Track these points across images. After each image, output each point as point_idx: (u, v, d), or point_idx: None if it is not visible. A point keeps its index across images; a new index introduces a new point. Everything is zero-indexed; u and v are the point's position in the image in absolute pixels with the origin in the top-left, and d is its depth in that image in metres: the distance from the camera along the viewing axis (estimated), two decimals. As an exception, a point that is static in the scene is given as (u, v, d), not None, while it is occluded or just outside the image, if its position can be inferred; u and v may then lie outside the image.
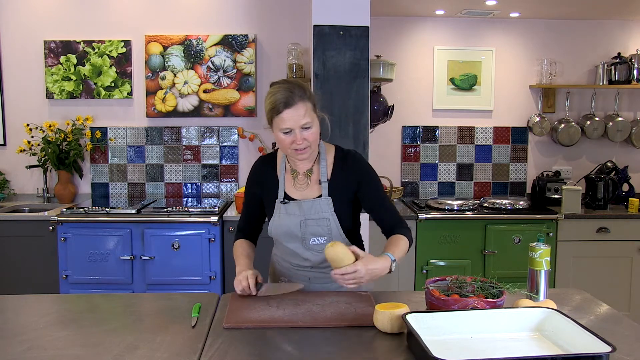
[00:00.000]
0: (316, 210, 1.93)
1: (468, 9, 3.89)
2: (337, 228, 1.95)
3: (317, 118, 1.87)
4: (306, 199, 1.95)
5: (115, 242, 3.41)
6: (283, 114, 1.78)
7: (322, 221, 1.94)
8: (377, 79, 3.75)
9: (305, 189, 1.97)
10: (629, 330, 1.63)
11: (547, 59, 4.19)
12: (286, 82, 1.85)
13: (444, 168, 4.29)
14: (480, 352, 1.43)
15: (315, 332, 1.62)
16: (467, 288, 1.70)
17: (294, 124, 1.79)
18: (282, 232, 1.97)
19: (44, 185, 4.02)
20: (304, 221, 1.94)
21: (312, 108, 1.84)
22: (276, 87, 1.83)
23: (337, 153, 2.00)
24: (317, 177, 1.96)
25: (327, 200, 1.93)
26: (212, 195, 4.14)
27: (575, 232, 3.68)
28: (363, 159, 2.02)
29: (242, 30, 4.04)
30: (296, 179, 1.98)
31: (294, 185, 1.98)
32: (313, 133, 1.84)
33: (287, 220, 1.95)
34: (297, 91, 1.79)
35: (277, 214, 1.97)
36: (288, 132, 1.81)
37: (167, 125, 4.10)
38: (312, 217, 1.93)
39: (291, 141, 1.82)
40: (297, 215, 1.94)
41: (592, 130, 4.19)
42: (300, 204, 1.94)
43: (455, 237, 3.62)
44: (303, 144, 1.83)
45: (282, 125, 1.80)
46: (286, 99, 1.77)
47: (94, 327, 1.67)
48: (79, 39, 3.99)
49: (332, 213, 1.93)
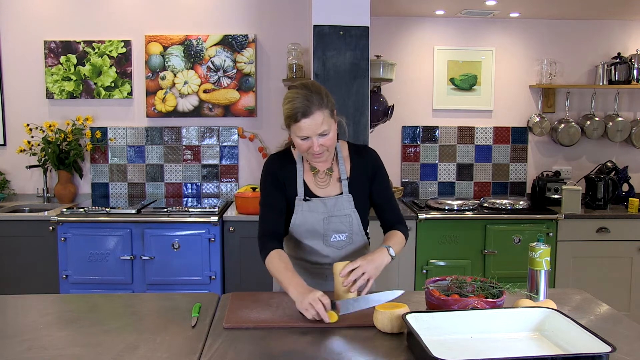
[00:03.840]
0: (339, 208, 1.97)
1: (468, 9, 3.89)
2: (358, 224, 1.99)
3: (334, 123, 1.88)
4: (329, 196, 1.98)
5: (115, 242, 3.41)
6: (301, 122, 1.79)
7: (344, 218, 1.97)
8: (377, 79, 3.75)
9: (327, 187, 1.99)
10: (629, 330, 1.63)
11: (547, 59, 4.19)
12: (305, 88, 1.81)
13: (444, 168, 4.29)
14: (480, 352, 1.43)
15: (316, 332, 1.61)
16: (467, 288, 1.70)
17: (311, 132, 1.80)
18: (304, 229, 1.99)
19: (44, 185, 4.02)
20: (328, 218, 1.96)
21: (330, 114, 1.83)
22: (294, 92, 1.81)
23: (350, 149, 2.04)
24: (337, 175, 2.00)
25: (349, 197, 1.97)
26: (212, 195, 4.14)
27: (575, 232, 3.68)
28: (378, 155, 2.06)
29: (242, 30, 4.04)
30: (317, 176, 2.00)
31: (315, 182, 2.00)
32: (330, 139, 1.85)
33: (310, 218, 1.97)
34: (315, 99, 1.78)
35: (300, 211, 1.98)
36: (305, 139, 1.83)
37: (167, 125, 4.10)
38: (336, 214, 1.96)
39: (308, 146, 1.84)
40: (320, 212, 1.96)
41: (592, 130, 4.19)
42: (325, 201, 1.97)
43: (455, 237, 3.62)
44: (320, 149, 1.85)
45: (300, 133, 1.82)
46: (304, 108, 1.77)
47: (94, 327, 1.67)
48: (79, 39, 4.00)
49: (353, 210, 1.98)
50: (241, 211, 3.52)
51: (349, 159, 2.02)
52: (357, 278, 1.76)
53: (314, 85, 1.85)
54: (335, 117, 1.89)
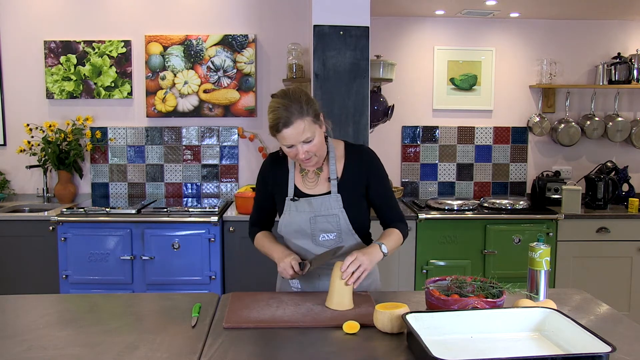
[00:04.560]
0: (326, 207, 1.96)
1: (468, 9, 3.89)
2: (346, 224, 1.97)
3: (319, 128, 1.87)
4: (315, 195, 1.98)
5: (115, 242, 3.41)
6: (282, 132, 1.80)
7: (331, 217, 1.96)
8: (377, 79, 3.75)
9: (315, 187, 2.00)
10: (629, 330, 1.63)
11: (547, 59, 4.19)
12: (285, 97, 1.82)
13: (444, 168, 4.29)
14: (480, 352, 1.43)
15: (316, 332, 1.62)
16: (467, 288, 1.70)
17: (294, 140, 1.82)
18: (292, 229, 2.00)
19: (44, 185, 4.02)
20: (314, 218, 1.96)
21: (312, 120, 1.83)
22: (276, 102, 1.82)
23: (347, 148, 2.03)
24: (326, 175, 2.00)
25: (337, 197, 1.96)
26: (212, 195, 4.14)
27: (575, 232, 3.68)
28: (375, 155, 2.05)
29: (242, 30, 4.04)
30: (306, 177, 2.01)
31: (304, 182, 2.01)
32: (315, 145, 1.85)
33: (297, 217, 1.97)
34: (294, 109, 1.78)
35: (288, 212, 1.99)
36: (291, 147, 1.85)
37: (167, 125, 4.10)
38: (322, 213, 1.96)
39: (295, 154, 1.86)
40: (307, 212, 1.97)
41: (592, 130, 4.19)
42: (310, 200, 1.97)
43: (455, 237, 3.62)
44: (306, 155, 1.86)
45: (283, 142, 1.84)
46: (285, 119, 1.78)
47: (94, 327, 1.67)
48: (79, 39, 4.00)
49: (341, 210, 1.96)
50: (241, 211, 3.52)
51: (343, 158, 2.01)
52: (354, 270, 1.78)
53: (295, 93, 1.84)
54: (321, 121, 1.88)
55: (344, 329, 1.61)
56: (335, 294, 1.78)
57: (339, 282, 1.78)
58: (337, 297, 1.77)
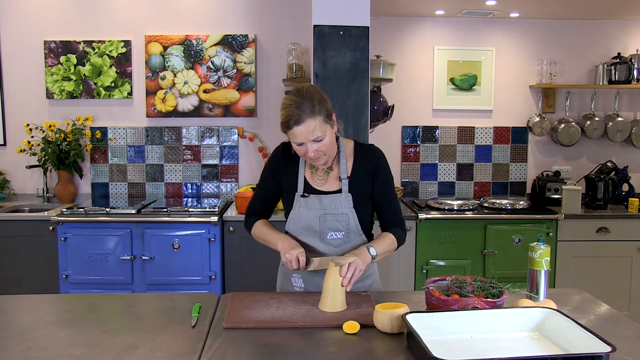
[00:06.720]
0: (336, 206, 1.96)
1: (468, 9, 3.89)
2: (355, 224, 1.98)
3: (331, 127, 1.88)
4: (326, 193, 1.98)
5: (115, 242, 3.41)
6: (293, 130, 1.81)
7: (341, 217, 1.97)
8: (377, 79, 3.75)
9: (325, 185, 2.00)
10: (629, 330, 1.63)
11: (547, 59, 4.19)
12: (298, 95, 1.82)
13: (444, 168, 4.29)
14: (480, 352, 1.43)
15: (316, 332, 1.62)
16: (467, 288, 1.70)
17: (304, 139, 1.82)
18: (300, 226, 1.99)
19: (44, 185, 4.01)
20: (323, 216, 1.96)
21: (324, 120, 1.83)
22: (288, 99, 1.83)
23: (356, 147, 2.04)
24: (336, 174, 2.00)
25: (347, 196, 1.96)
26: (212, 195, 4.14)
27: (575, 232, 3.68)
28: (383, 155, 2.05)
29: (242, 30, 4.04)
30: (315, 173, 2.01)
31: (313, 178, 2.01)
32: (325, 144, 1.85)
33: (307, 214, 1.97)
34: (306, 107, 1.79)
35: (297, 207, 1.99)
36: (301, 144, 1.85)
37: (167, 125, 4.10)
38: (332, 212, 1.96)
39: (304, 151, 1.86)
40: (316, 209, 1.97)
41: (592, 130, 4.19)
42: (321, 198, 1.97)
43: (455, 237, 3.62)
44: (315, 154, 1.86)
45: (294, 139, 1.85)
46: (296, 117, 1.79)
47: (94, 327, 1.67)
48: (79, 39, 4.00)
49: (351, 209, 1.97)
50: (241, 211, 3.51)
51: (352, 157, 2.01)
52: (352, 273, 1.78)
53: (308, 91, 1.84)
54: (333, 121, 1.88)
55: (344, 329, 1.61)
56: (329, 295, 1.77)
57: (332, 284, 1.77)
58: (331, 299, 1.77)
